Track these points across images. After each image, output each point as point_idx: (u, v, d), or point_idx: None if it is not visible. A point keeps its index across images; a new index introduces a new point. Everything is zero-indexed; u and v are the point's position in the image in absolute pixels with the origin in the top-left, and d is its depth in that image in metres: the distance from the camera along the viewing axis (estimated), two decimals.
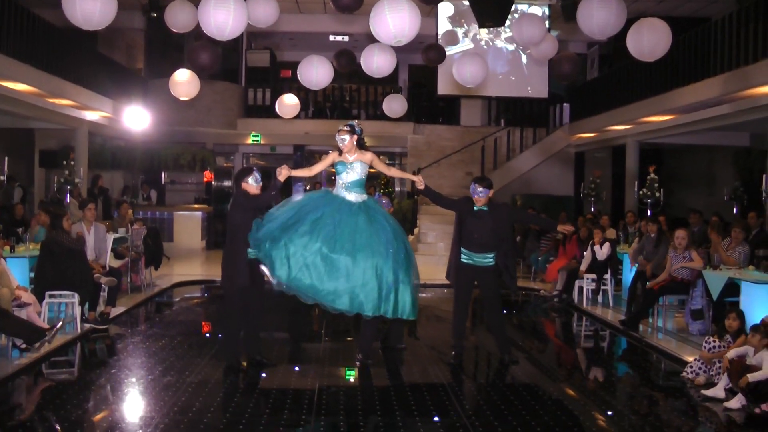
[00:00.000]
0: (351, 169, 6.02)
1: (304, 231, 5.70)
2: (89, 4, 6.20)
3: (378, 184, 15.33)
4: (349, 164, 6.02)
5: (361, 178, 6.07)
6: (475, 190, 6.36)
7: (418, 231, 14.89)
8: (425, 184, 6.38)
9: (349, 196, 5.99)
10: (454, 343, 6.62)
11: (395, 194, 17.55)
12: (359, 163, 6.03)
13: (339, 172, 6.06)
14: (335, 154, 6.14)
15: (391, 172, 6.74)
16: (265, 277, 5.91)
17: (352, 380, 6.15)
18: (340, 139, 6.03)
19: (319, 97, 17.91)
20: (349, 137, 6.02)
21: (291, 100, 11.69)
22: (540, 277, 11.67)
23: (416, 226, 15.07)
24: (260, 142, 17.88)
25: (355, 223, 5.79)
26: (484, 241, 6.34)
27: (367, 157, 6.09)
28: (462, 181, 16.09)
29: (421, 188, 6.37)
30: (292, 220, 5.78)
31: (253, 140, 17.74)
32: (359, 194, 6.04)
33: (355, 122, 6.20)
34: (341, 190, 6.04)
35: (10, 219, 9.96)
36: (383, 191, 14.90)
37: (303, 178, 16.11)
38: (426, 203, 14.61)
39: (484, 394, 5.86)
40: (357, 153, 6.06)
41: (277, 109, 11.83)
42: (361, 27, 14.91)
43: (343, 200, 5.97)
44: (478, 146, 16.64)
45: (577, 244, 10.30)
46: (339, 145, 6.06)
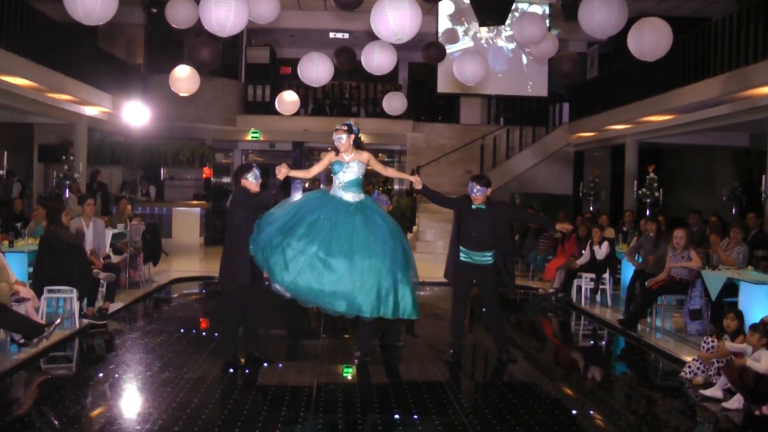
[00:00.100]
0: (348, 168, 5.99)
1: (301, 235, 5.67)
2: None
3: (377, 182, 15.30)
4: (346, 164, 5.99)
5: (358, 178, 6.03)
6: (472, 189, 6.36)
7: (416, 229, 14.88)
8: (423, 184, 6.37)
9: (346, 196, 5.96)
10: (452, 341, 6.62)
11: (394, 192, 17.53)
12: (356, 162, 6.00)
13: (336, 172, 6.03)
14: (332, 154, 6.11)
15: (387, 172, 6.68)
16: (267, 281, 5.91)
17: (350, 378, 6.15)
18: (338, 138, 6.00)
19: (319, 95, 17.90)
20: (347, 136, 5.99)
21: (291, 97, 11.68)
22: (538, 275, 11.68)
23: (415, 224, 15.07)
24: (259, 139, 17.88)
25: (352, 224, 5.76)
26: (483, 240, 6.34)
27: (364, 157, 6.06)
28: (461, 180, 16.09)
29: (419, 188, 6.36)
30: (289, 223, 5.75)
31: (253, 137, 17.73)
32: (356, 194, 6.01)
33: (353, 121, 6.17)
34: (338, 189, 6.01)
35: (9, 214, 9.95)
36: (382, 189, 14.88)
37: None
38: (425, 201, 14.59)
39: (483, 393, 5.87)
40: (354, 152, 6.02)
41: (277, 105, 11.82)
42: (361, 24, 14.90)
43: (340, 201, 5.93)
44: (478, 145, 16.64)
45: (576, 243, 10.31)
46: (336, 144, 6.03)
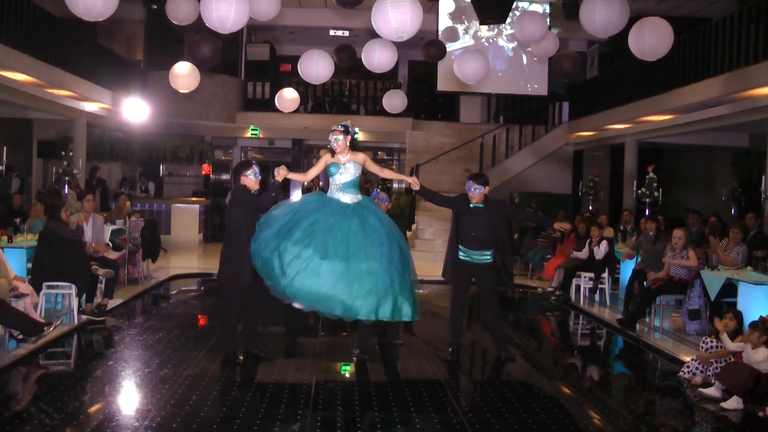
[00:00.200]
0: (344, 170, 5.96)
1: (298, 239, 5.64)
2: None
3: (376, 180, 15.30)
4: (342, 165, 5.96)
5: (355, 179, 6.02)
6: (470, 187, 6.35)
7: (415, 227, 14.87)
8: (420, 185, 6.35)
9: (344, 198, 5.93)
10: (451, 339, 6.63)
11: (393, 190, 17.52)
12: (352, 163, 5.97)
13: (332, 174, 6.00)
14: (328, 156, 6.07)
15: (384, 174, 6.62)
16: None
17: (349, 375, 6.15)
18: (334, 139, 5.97)
19: (318, 92, 17.88)
20: (343, 137, 5.96)
21: (290, 94, 11.67)
22: (537, 274, 11.68)
23: (414, 222, 15.06)
24: (259, 136, 17.86)
25: (348, 227, 5.73)
26: (481, 238, 6.34)
27: (360, 158, 6.03)
28: (460, 178, 16.06)
29: (416, 189, 6.34)
30: (286, 227, 5.72)
31: (252, 134, 17.72)
32: (354, 195, 5.98)
33: (349, 123, 6.14)
34: (335, 191, 5.98)
35: (8, 209, 9.94)
36: (381, 187, 14.89)
37: None
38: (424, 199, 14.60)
39: (481, 391, 5.87)
40: (350, 154, 6.00)
41: (277, 103, 11.81)
42: (362, 22, 14.91)
43: (338, 203, 5.91)
44: (477, 143, 16.63)
45: (576, 243, 10.31)
46: (332, 146, 5.99)
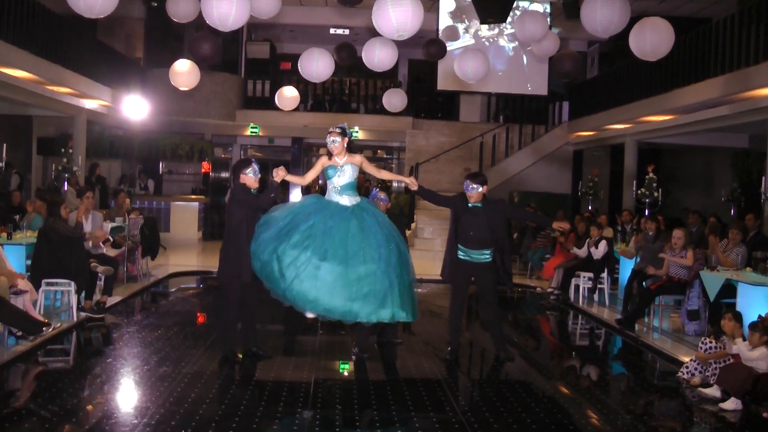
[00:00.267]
0: (342, 172, 5.93)
1: (296, 242, 5.61)
2: None
3: (375, 179, 15.29)
4: (340, 167, 5.93)
5: (353, 181, 5.99)
6: (468, 187, 6.35)
7: (415, 226, 14.88)
8: (419, 185, 6.34)
9: (342, 200, 5.90)
10: (450, 338, 6.63)
11: (393, 190, 17.52)
12: (350, 165, 5.95)
13: (330, 176, 5.96)
14: (324, 158, 6.04)
15: (381, 175, 6.59)
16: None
17: (348, 374, 6.16)
18: (332, 140, 5.93)
19: (318, 90, 17.88)
20: (341, 139, 5.93)
21: (290, 93, 11.66)
22: (536, 274, 11.68)
23: (413, 221, 15.06)
24: (258, 134, 17.85)
25: (347, 229, 5.70)
26: (480, 238, 6.34)
27: (357, 159, 6.01)
28: (460, 177, 16.01)
29: (415, 189, 6.33)
30: (285, 230, 5.69)
31: (252, 132, 17.71)
32: (352, 197, 5.95)
33: (346, 124, 6.12)
34: (333, 194, 5.95)
35: (7, 206, 9.94)
36: (380, 186, 14.88)
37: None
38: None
39: (480, 390, 5.88)
40: (347, 156, 5.98)
41: (277, 101, 11.81)
42: (362, 20, 14.92)
43: (336, 205, 5.88)
44: (477, 143, 16.63)
45: (575, 242, 10.31)
46: (330, 147, 5.96)
